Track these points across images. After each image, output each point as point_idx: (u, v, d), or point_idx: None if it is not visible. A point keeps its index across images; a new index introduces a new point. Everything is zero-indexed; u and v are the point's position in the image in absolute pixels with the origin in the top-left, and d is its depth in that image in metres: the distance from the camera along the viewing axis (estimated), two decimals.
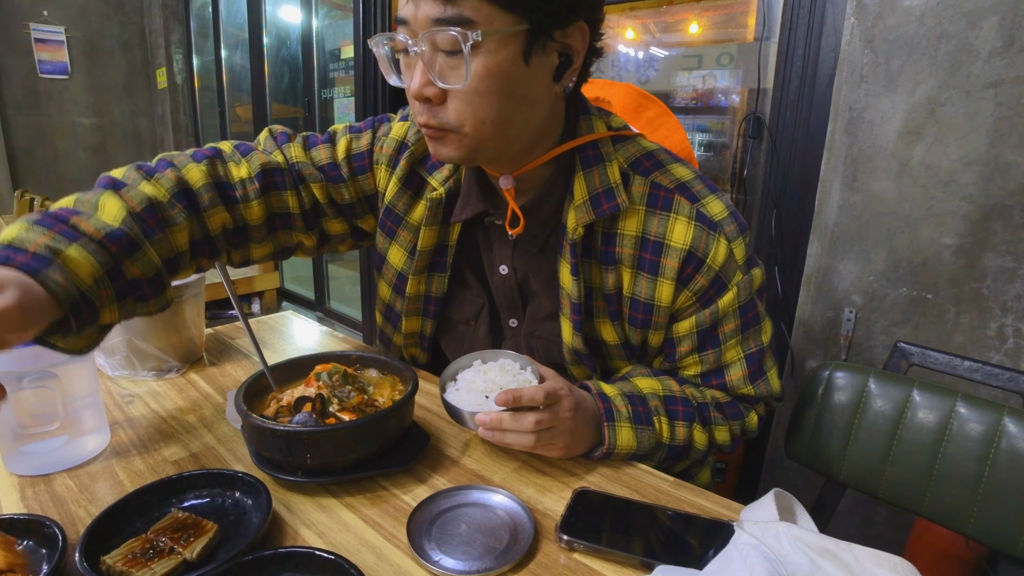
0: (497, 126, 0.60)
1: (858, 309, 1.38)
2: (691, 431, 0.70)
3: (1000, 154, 1.14)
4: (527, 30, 0.56)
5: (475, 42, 0.54)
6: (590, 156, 0.68)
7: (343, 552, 0.51)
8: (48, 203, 2.07)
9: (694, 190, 0.68)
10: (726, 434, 0.73)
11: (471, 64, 0.55)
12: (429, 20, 0.55)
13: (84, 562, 0.46)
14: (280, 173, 0.74)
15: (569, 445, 0.64)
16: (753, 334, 0.72)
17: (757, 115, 1.62)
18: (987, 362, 0.84)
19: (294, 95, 3.57)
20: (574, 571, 0.51)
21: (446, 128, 0.60)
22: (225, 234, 0.72)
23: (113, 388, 0.84)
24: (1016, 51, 1.10)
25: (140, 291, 0.59)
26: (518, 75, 0.58)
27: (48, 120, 4.25)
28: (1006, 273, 1.17)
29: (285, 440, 0.58)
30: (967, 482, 0.73)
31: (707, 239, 0.66)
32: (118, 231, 0.57)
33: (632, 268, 0.70)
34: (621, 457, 0.67)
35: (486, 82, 0.57)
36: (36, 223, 0.53)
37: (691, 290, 0.68)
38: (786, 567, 0.44)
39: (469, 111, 0.58)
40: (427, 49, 0.56)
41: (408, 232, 0.79)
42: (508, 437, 0.61)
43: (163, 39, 4.37)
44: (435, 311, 0.81)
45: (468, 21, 0.54)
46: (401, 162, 0.77)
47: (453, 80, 0.57)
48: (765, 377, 0.74)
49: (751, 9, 1.67)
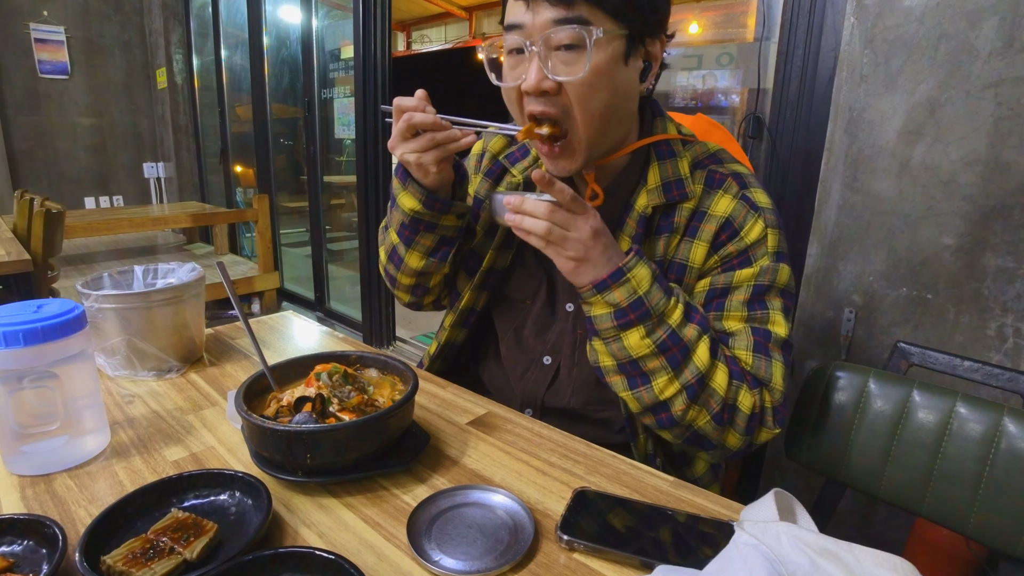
0: (603, 118, 0.68)
1: (858, 309, 1.38)
2: (699, 339, 0.67)
3: (1000, 154, 1.14)
4: (627, 35, 0.65)
5: (597, 38, 0.62)
6: (664, 151, 0.76)
7: (343, 552, 0.51)
8: (48, 203, 2.07)
9: (746, 179, 0.75)
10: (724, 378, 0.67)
11: (589, 57, 0.63)
12: (548, 21, 0.63)
13: (84, 562, 0.46)
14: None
15: (579, 259, 0.66)
16: (760, 318, 0.71)
17: (757, 115, 1.62)
18: (987, 362, 0.84)
19: (294, 95, 3.57)
20: (574, 571, 0.51)
21: (560, 120, 0.67)
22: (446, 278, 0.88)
23: (113, 388, 0.84)
24: (1016, 51, 1.10)
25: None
26: (619, 73, 0.67)
27: (48, 120, 4.25)
28: (1006, 273, 1.17)
29: (285, 440, 0.58)
30: (967, 482, 0.73)
31: (746, 215, 0.72)
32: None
33: (680, 235, 0.75)
34: (626, 292, 0.65)
35: (597, 76, 0.64)
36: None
37: (719, 255, 0.73)
38: (786, 567, 0.44)
39: (583, 101, 0.66)
40: (543, 48, 0.64)
41: (486, 212, 0.87)
42: (526, 222, 0.65)
43: (163, 39, 4.38)
44: (493, 283, 0.86)
45: (585, 21, 0.62)
46: (484, 159, 0.88)
47: (569, 73, 0.64)
48: (769, 361, 0.70)
49: (751, 9, 1.67)
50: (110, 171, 4.63)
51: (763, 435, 0.71)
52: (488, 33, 6.84)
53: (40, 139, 4.24)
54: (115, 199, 4.68)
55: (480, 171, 0.89)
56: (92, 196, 4.56)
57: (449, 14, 6.88)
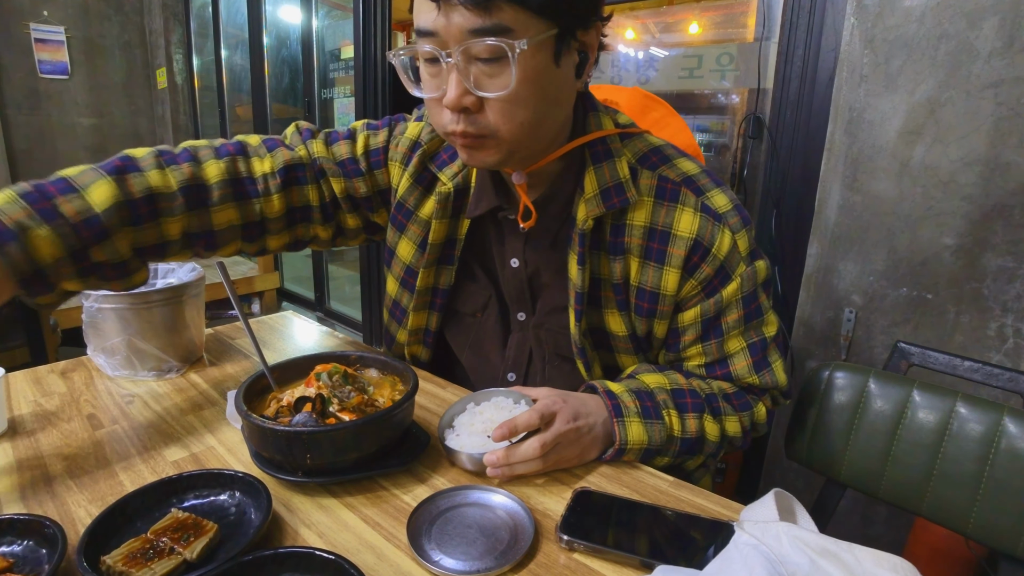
0: (533, 127, 0.62)
1: (858, 309, 1.38)
2: (702, 422, 0.69)
3: (1000, 154, 1.14)
4: (555, 34, 0.58)
5: (521, 51, 0.55)
6: (600, 151, 0.70)
7: (343, 552, 0.51)
8: None
9: (700, 183, 0.70)
10: (736, 425, 0.72)
11: (514, 71, 0.56)
12: (464, 31, 0.55)
13: (84, 562, 0.46)
14: (302, 168, 0.78)
15: (581, 454, 0.65)
16: (756, 325, 0.73)
17: (757, 115, 1.62)
18: (987, 362, 0.84)
19: (294, 95, 3.57)
20: (574, 571, 0.51)
21: (485, 135, 0.61)
22: (232, 229, 0.74)
23: (113, 388, 0.84)
24: (1016, 51, 1.10)
25: (103, 272, 0.65)
26: (551, 77, 0.60)
27: (48, 120, 4.25)
28: (1006, 273, 1.17)
29: (285, 440, 0.58)
30: (967, 482, 0.73)
31: (712, 229, 0.68)
32: (95, 218, 0.61)
33: (640, 257, 0.71)
34: (634, 454, 0.66)
35: (525, 87, 0.58)
36: (23, 195, 0.59)
37: (696, 279, 0.70)
38: (786, 567, 0.44)
39: (508, 116, 0.59)
40: (461, 59, 0.56)
41: (418, 226, 0.80)
42: (518, 469, 0.61)
43: (163, 39, 4.37)
44: (441, 304, 0.83)
45: (507, 29, 0.54)
46: (414, 159, 0.79)
47: (493, 88, 0.58)
48: (770, 368, 0.74)
49: (751, 9, 1.67)
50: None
51: (777, 408, 0.80)
52: None
53: (40, 139, 4.24)
54: None
55: (408, 169, 0.79)
56: None
57: None
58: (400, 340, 0.88)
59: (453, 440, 0.66)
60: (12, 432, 0.72)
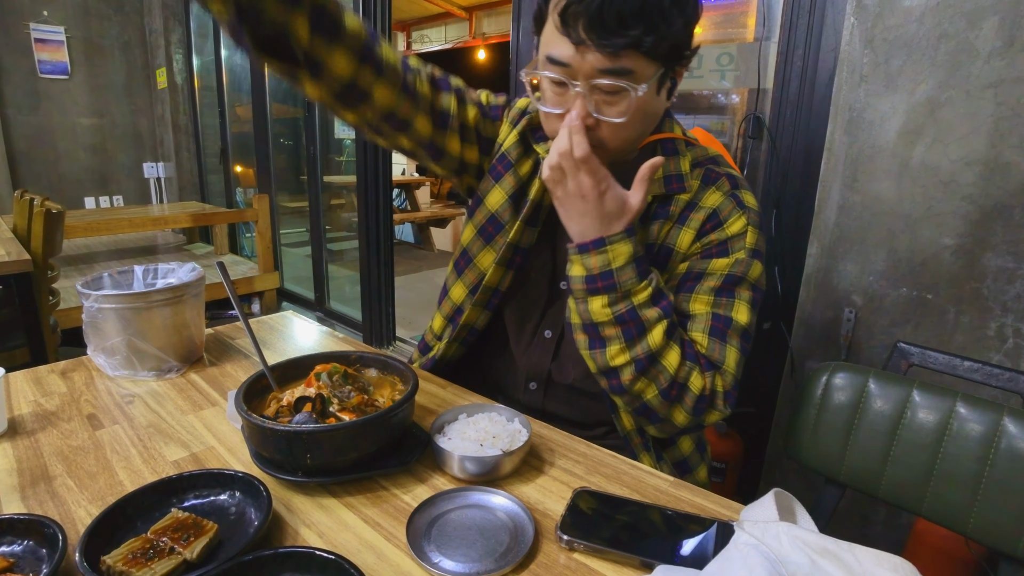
0: (634, 141, 0.75)
1: (858, 309, 1.38)
2: (657, 322, 0.70)
3: (1000, 154, 1.14)
4: (663, 72, 0.69)
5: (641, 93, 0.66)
6: (669, 148, 0.81)
7: (343, 552, 0.51)
8: (48, 203, 2.07)
9: (739, 182, 0.81)
10: (676, 358, 0.71)
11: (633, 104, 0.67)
12: (595, 69, 0.66)
13: (84, 562, 0.46)
14: (447, 85, 0.83)
15: (580, 209, 0.70)
16: (726, 305, 0.76)
17: (757, 115, 1.62)
18: (987, 362, 0.84)
19: (294, 95, 3.57)
20: (574, 571, 0.51)
21: (594, 145, 0.70)
22: (392, 70, 0.74)
23: (113, 388, 0.84)
24: (1016, 51, 1.10)
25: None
26: (653, 103, 0.71)
27: (48, 120, 4.25)
28: (1006, 273, 1.17)
29: (285, 440, 0.58)
30: (967, 482, 0.73)
31: (732, 210, 0.78)
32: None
33: (672, 222, 0.80)
34: (599, 266, 0.70)
35: (635, 115, 0.69)
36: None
37: (701, 242, 0.78)
38: (786, 567, 0.44)
39: (617, 134, 0.71)
40: (587, 89, 0.68)
41: (514, 179, 0.85)
42: (575, 136, 0.67)
43: (163, 39, 4.37)
44: (520, 262, 0.86)
45: (629, 72, 0.66)
46: (522, 121, 0.86)
47: (611, 114, 0.69)
48: (724, 346, 0.74)
49: (751, 9, 1.67)
50: (110, 171, 4.63)
51: (713, 416, 0.75)
52: (488, 33, 6.84)
53: (40, 139, 4.24)
54: (115, 199, 4.68)
55: (517, 127, 0.86)
56: (92, 196, 4.56)
57: (449, 14, 6.88)
58: (464, 306, 0.89)
59: (445, 444, 0.66)
60: (12, 432, 0.72)
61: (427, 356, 0.95)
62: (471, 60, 7.35)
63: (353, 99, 0.73)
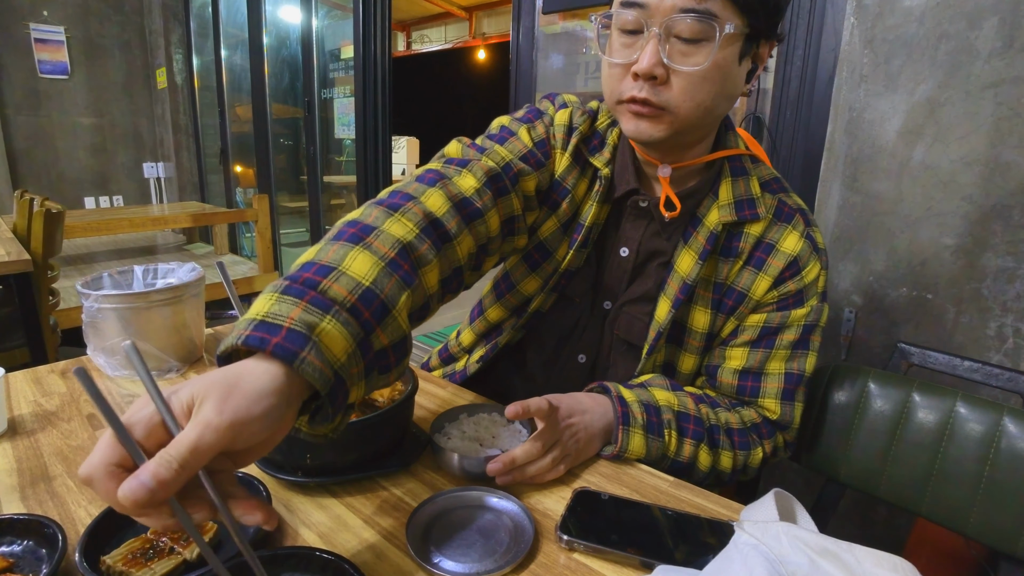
0: (705, 112, 0.66)
1: (858, 309, 1.38)
2: (697, 451, 0.71)
3: (1000, 154, 1.14)
4: (747, 34, 0.64)
5: (727, 33, 0.60)
6: (737, 167, 0.76)
7: (343, 552, 0.51)
8: (48, 203, 2.07)
9: (809, 218, 0.78)
10: (730, 460, 0.74)
11: (714, 53, 0.61)
12: (676, 7, 0.60)
13: (84, 562, 0.46)
14: (500, 177, 0.71)
15: (581, 450, 0.66)
16: (801, 356, 0.76)
17: (757, 115, 1.62)
18: (987, 362, 0.84)
19: (294, 95, 3.58)
20: (574, 571, 0.51)
21: (664, 107, 0.65)
22: (470, 258, 0.66)
23: (113, 388, 0.84)
24: (1016, 51, 1.10)
25: (385, 360, 0.52)
26: (732, 71, 0.65)
27: (48, 120, 4.25)
28: (1006, 273, 1.17)
29: (285, 440, 0.58)
30: (967, 482, 0.73)
31: (809, 256, 0.74)
32: (369, 292, 0.49)
33: (743, 262, 0.76)
34: (627, 461, 0.69)
35: (714, 71, 0.63)
36: (285, 292, 0.46)
37: (779, 291, 0.75)
38: (786, 567, 0.44)
39: (690, 94, 0.64)
40: (663, 32, 0.62)
41: (569, 205, 0.78)
42: (529, 470, 0.62)
43: (163, 39, 4.38)
44: (564, 285, 0.82)
45: (714, 15, 0.60)
46: (571, 141, 0.79)
47: (687, 63, 0.62)
48: (793, 405, 0.76)
49: None
50: (110, 171, 4.63)
51: (774, 460, 0.79)
52: (488, 33, 6.84)
53: (40, 139, 4.24)
54: (115, 199, 4.68)
55: (567, 150, 0.78)
56: (92, 196, 4.56)
57: (449, 14, 6.88)
58: (492, 319, 0.88)
59: (444, 443, 0.66)
60: (12, 432, 0.71)
61: (452, 367, 0.95)
62: (471, 60, 7.36)
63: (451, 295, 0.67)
